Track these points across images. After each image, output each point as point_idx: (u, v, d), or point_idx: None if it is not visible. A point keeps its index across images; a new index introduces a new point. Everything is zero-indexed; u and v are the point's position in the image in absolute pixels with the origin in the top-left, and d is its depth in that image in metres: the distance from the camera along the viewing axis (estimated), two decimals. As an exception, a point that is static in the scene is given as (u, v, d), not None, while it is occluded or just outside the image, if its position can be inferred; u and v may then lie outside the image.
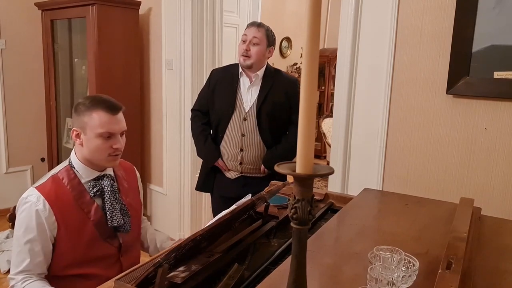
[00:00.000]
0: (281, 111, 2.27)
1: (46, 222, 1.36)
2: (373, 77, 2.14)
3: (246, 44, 2.20)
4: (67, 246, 1.40)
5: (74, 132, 1.46)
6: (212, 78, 2.38)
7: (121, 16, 3.23)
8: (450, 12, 1.86)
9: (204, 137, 2.36)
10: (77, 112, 1.45)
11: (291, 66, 6.52)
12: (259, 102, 2.23)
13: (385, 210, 1.41)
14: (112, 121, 1.44)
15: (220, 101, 2.30)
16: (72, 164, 1.48)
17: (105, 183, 1.49)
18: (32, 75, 3.92)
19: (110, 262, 1.50)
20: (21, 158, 3.96)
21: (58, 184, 1.42)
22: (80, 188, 1.45)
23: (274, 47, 2.29)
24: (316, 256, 1.01)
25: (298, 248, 0.63)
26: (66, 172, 1.45)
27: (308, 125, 0.58)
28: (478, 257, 1.03)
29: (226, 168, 2.35)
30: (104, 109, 1.43)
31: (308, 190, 0.60)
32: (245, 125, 2.26)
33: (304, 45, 0.58)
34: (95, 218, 1.45)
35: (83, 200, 1.44)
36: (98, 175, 1.49)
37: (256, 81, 2.26)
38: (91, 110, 1.42)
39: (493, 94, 1.78)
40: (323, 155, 6.14)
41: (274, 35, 2.30)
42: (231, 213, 1.16)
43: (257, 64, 2.22)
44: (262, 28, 2.22)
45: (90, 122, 1.42)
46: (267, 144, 2.28)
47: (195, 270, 0.99)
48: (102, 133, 1.42)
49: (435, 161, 1.99)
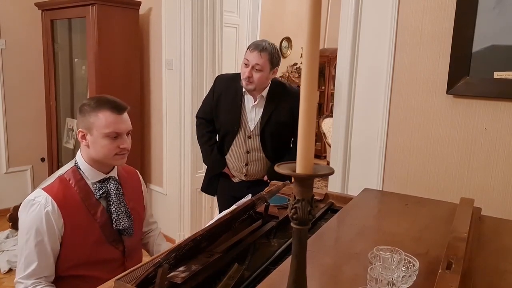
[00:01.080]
0: (285, 129, 2.25)
1: (55, 223, 1.36)
2: (373, 77, 2.14)
3: (249, 70, 2.10)
4: (72, 247, 1.40)
5: (80, 133, 1.45)
6: (217, 88, 2.33)
7: (121, 16, 3.23)
8: (450, 12, 1.86)
9: (210, 148, 2.36)
10: (82, 113, 1.45)
11: (291, 66, 6.52)
12: (263, 123, 2.22)
13: (385, 210, 1.41)
14: (118, 121, 1.44)
15: (225, 116, 2.28)
16: (78, 166, 1.47)
17: (111, 186, 1.49)
18: (32, 75, 3.92)
19: (114, 266, 1.50)
20: (21, 158, 3.96)
21: (65, 185, 1.42)
22: (87, 189, 1.45)
23: (278, 66, 2.19)
24: (316, 256, 1.01)
25: (298, 248, 0.63)
26: (73, 173, 1.45)
27: (308, 125, 0.58)
28: (478, 257, 1.03)
29: (232, 175, 2.38)
30: (110, 109, 1.43)
31: (308, 190, 0.60)
32: (250, 143, 2.27)
33: (304, 45, 0.58)
34: (101, 220, 1.45)
35: (90, 201, 1.44)
36: (104, 177, 1.49)
37: (260, 101, 2.22)
38: (96, 111, 1.42)
39: (493, 94, 1.78)
40: (323, 155, 6.14)
41: (279, 54, 2.19)
42: (231, 213, 1.16)
43: (260, 86, 2.17)
44: (265, 53, 2.10)
45: (96, 123, 1.42)
46: (271, 159, 2.30)
47: (195, 270, 0.99)
48: (109, 133, 1.42)
49: (435, 161, 1.99)
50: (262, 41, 2.18)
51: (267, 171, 2.31)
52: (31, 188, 3.97)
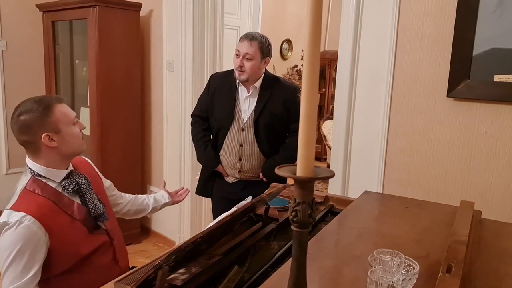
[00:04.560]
0: (279, 122, 2.26)
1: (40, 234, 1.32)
2: (374, 79, 2.14)
3: (240, 60, 2.16)
4: (61, 251, 1.39)
5: (47, 138, 1.41)
6: (212, 84, 2.37)
7: (122, 18, 3.23)
8: (450, 15, 1.86)
9: (204, 144, 2.36)
10: (36, 121, 1.40)
11: (291, 68, 6.53)
12: (256, 114, 2.22)
13: (385, 213, 1.41)
14: (67, 109, 1.49)
15: (219, 109, 2.30)
16: (36, 173, 1.43)
17: (78, 177, 1.50)
18: (33, 76, 3.92)
19: (104, 249, 1.53)
20: (21, 160, 3.91)
21: (32, 197, 1.39)
22: (55, 192, 1.43)
23: (270, 56, 2.23)
24: (316, 259, 1.01)
25: (299, 251, 0.63)
26: (35, 183, 1.42)
27: (309, 128, 0.59)
28: (478, 261, 1.03)
29: (226, 174, 2.36)
30: (57, 102, 1.46)
31: (308, 193, 0.60)
32: (243, 136, 2.26)
33: (305, 48, 0.58)
34: (80, 216, 1.45)
35: (63, 202, 1.43)
36: (66, 172, 1.48)
37: (254, 92, 2.25)
38: (51, 110, 1.43)
39: (494, 97, 1.78)
40: (323, 157, 6.14)
41: (270, 44, 2.23)
42: (231, 215, 1.16)
43: (252, 77, 2.20)
44: (255, 42, 2.15)
45: (60, 118, 1.44)
46: (265, 154, 2.29)
47: (195, 272, 0.99)
48: (72, 120, 1.48)
49: (435, 164, 1.99)
50: (252, 32, 2.26)
51: (262, 168, 2.30)
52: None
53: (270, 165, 2.26)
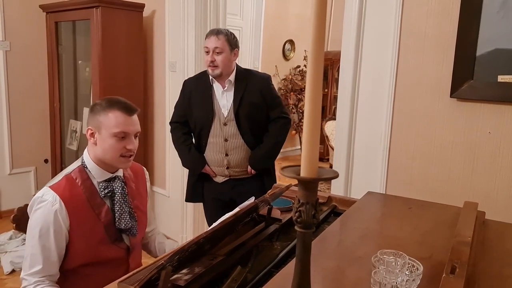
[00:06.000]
0: (259, 111, 2.28)
1: (63, 222, 1.37)
2: (377, 80, 2.14)
3: (210, 55, 2.20)
4: (78, 246, 1.41)
5: (89, 131, 1.48)
6: (186, 89, 2.39)
7: (125, 19, 3.24)
8: (454, 16, 1.85)
9: (187, 147, 2.36)
10: (93, 112, 1.48)
11: (294, 68, 6.53)
12: (236, 106, 2.24)
13: (389, 214, 1.41)
14: (128, 121, 1.46)
15: (198, 109, 2.30)
16: (85, 164, 1.48)
17: (117, 185, 1.50)
18: (36, 77, 3.94)
19: (118, 263, 1.52)
20: (24, 160, 3.98)
21: (72, 184, 1.43)
22: (92, 189, 1.46)
23: (238, 48, 2.28)
24: (319, 259, 1.01)
25: (303, 252, 0.63)
26: (80, 173, 1.46)
27: (313, 129, 0.58)
28: (482, 262, 1.03)
29: (214, 174, 2.36)
30: (121, 109, 1.45)
31: (312, 193, 0.60)
32: (226, 130, 2.27)
33: (309, 48, 0.58)
34: (106, 220, 1.46)
35: (95, 201, 1.45)
36: (110, 176, 1.50)
37: (229, 86, 2.27)
38: (107, 110, 1.44)
39: (497, 98, 1.78)
40: (326, 157, 6.13)
41: (235, 36, 2.29)
42: (234, 215, 1.16)
43: (225, 70, 2.23)
44: (221, 35, 2.20)
45: (105, 122, 1.44)
46: (250, 145, 2.30)
47: (198, 273, 0.99)
48: (116, 133, 1.44)
49: (438, 165, 1.98)
50: (216, 28, 2.35)
51: (249, 160, 2.30)
52: (34, 189, 3.98)
53: (257, 155, 2.28)
